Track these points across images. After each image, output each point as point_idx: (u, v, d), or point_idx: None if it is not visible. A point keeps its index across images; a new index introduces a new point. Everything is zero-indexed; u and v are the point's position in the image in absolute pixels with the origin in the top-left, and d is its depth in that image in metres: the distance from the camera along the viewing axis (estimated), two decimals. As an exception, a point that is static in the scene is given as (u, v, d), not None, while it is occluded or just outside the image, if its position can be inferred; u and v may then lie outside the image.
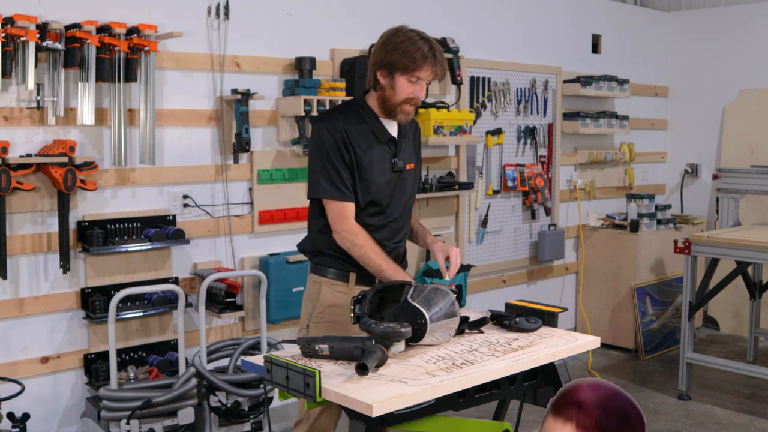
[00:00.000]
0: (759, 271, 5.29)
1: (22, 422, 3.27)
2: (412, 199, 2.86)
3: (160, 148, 3.78)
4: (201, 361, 3.61)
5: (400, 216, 2.78)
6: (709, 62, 6.46)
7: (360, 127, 2.66)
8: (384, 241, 2.72)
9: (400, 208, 2.78)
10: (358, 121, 2.67)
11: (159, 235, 3.68)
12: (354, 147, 2.63)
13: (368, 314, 2.42)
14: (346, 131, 2.63)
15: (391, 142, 2.72)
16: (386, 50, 2.61)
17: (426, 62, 2.57)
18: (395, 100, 2.63)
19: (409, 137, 2.83)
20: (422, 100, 2.70)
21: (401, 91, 2.61)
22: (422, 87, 2.63)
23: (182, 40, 3.78)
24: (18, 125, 3.39)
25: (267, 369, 2.15)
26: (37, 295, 3.51)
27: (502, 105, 5.34)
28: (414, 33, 2.62)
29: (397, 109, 2.65)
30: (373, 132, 2.68)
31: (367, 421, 2.04)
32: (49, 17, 3.37)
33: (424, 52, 2.56)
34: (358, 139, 2.64)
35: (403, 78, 2.59)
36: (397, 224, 2.78)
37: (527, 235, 5.65)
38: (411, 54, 2.56)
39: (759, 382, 5.00)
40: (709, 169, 6.49)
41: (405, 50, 2.57)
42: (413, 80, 2.60)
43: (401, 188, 2.76)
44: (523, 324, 2.57)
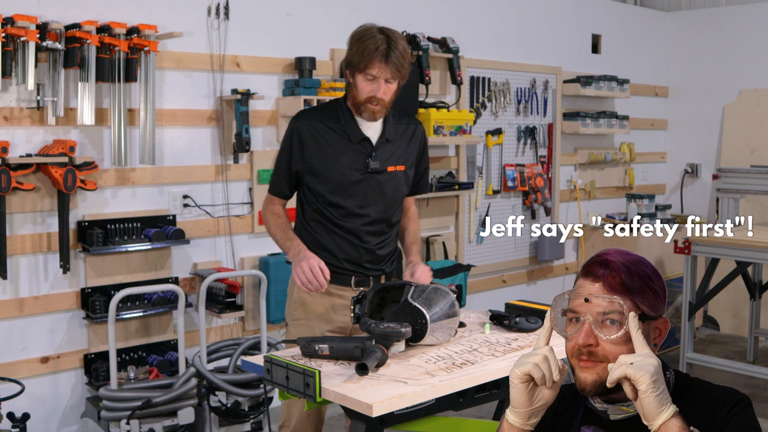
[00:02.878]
0: (759, 271, 5.30)
1: (22, 422, 3.27)
2: (399, 202, 2.79)
3: (160, 148, 3.78)
4: (201, 361, 3.61)
5: (380, 218, 2.71)
6: (709, 62, 6.46)
7: (333, 126, 2.64)
8: (356, 242, 2.68)
9: (380, 210, 2.70)
10: (332, 120, 2.65)
11: (159, 235, 3.68)
12: (310, 147, 2.62)
13: (368, 314, 2.42)
14: (312, 130, 2.62)
15: (366, 142, 2.66)
16: (349, 49, 2.59)
17: (375, 59, 2.50)
18: (359, 99, 2.59)
19: (404, 139, 2.76)
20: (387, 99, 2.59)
21: (362, 90, 2.57)
22: (381, 85, 2.54)
23: (182, 40, 3.78)
24: (18, 125, 3.39)
25: (267, 369, 2.15)
26: (37, 295, 3.51)
27: (502, 105, 5.34)
28: (377, 30, 2.56)
29: (362, 108, 2.60)
30: (346, 131, 2.64)
31: (367, 421, 2.04)
32: (49, 17, 3.37)
33: (372, 49, 2.50)
34: (326, 138, 2.63)
35: (360, 76, 2.56)
36: (375, 226, 2.70)
37: (527, 235, 5.65)
38: (362, 51, 2.52)
39: (759, 382, 4.99)
40: (709, 169, 6.49)
41: (359, 48, 2.53)
42: (369, 78, 2.54)
43: (380, 190, 2.68)
44: (523, 324, 2.57)
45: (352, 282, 2.70)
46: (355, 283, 2.70)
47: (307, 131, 2.63)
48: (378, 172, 2.67)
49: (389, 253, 2.80)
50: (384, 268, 2.77)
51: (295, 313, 2.73)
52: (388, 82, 2.56)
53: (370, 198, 2.68)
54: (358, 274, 2.71)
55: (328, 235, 2.69)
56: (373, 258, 2.72)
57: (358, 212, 2.67)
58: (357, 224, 2.67)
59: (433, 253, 4.92)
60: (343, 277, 2.69)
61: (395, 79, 2.58)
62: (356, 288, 2.69)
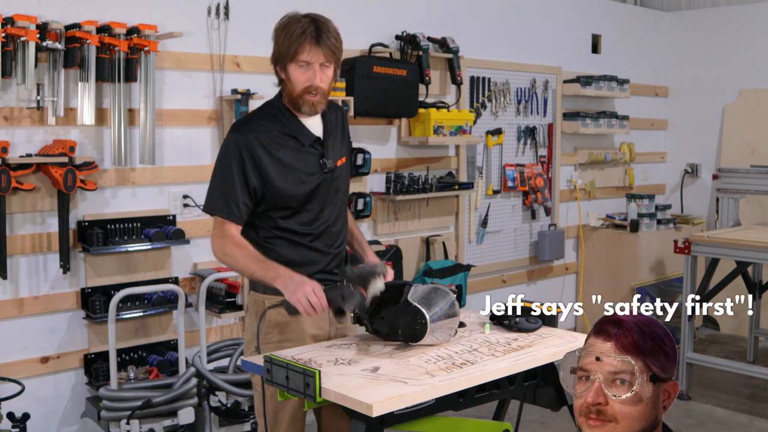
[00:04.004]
0: (759, 271, 5.29)
1: (22, 422, 3.27)
2: (346, 197, 2.61)
3: (160, 148, 3.78)
4: (201, 361, 3.61)
5: (337, 219, 2.55)
6: (709, 62, 6.46)
7: (279, 134, 2.44)
8: (324, 249, 2.53)
9: (336, 209, 2.55)
10: (276, 126, 2.44)
11: (159, 235, 3.67)
12: (264, 161, 2.39)
13: (368, 314, 2.43)
14: (261, 143, 2.40)
15: (317, 142, 2.49)
16: (275, 43, 2.41)
17: (304, 42, 2.34)
18: (295, 93, 2.40)
19: (337, 129, 2.59)
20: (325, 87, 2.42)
21: (296, 82, 2.39)
22: (317, 72, 2.37)
23: (182, 40, 3.78)
24: (18, 125, 3.39)
25: (267, 369, 2.15)
26: (37, 295, 3.51)
27: (502, 105, 5.34)
28: (300, 15, 2.39)
29: (300, 102, 2.41)
30: (295, 136, 2.45)
31: (367, 421, 2.04)
32: (49, 17, 3.37)
33: (299, 33, 2.34)
34: (277, 149, 2.42)
35: (292, 67, 2.38)
36: (335, 227, 2.55)
37: (527, 235, 5.65)
38: (288, 39, 2.35)
39: (759, 382, 4.99)
40: (709, 169, 6.49)
41: (285, 36, 2.37)
42: (302, 65, 2.37)
43: (335, 188, 2.52)
44: (523, 324, 2.57)
45: None
46: None
47: (257, 145, 2.40)
48: (332, 170, 2.51)
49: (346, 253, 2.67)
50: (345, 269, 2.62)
51: (268, 336, 2.51)
52: (324, 67, 2.40)
53: (328, 199, 2.52)
54: (327, 282, 2.50)
55: (294, 249, 2.48)
56: (338, 262, 2.59)
57: (320, 217, 2.50)
58: (321, 229, 2.51)
59: (433, 253, 4.92)
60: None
61: (330, 63, 2.42)
62: None
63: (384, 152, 4.68)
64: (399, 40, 4.65)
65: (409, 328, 2.33)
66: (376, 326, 2.44)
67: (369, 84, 4.34)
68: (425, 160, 4.90)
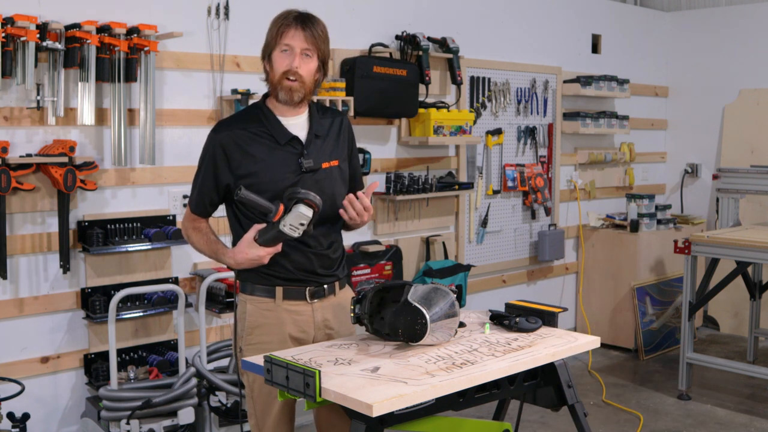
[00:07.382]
0: (759, 271, 5.30)
1: (22, 422, 3.27)
2: (339, 199, 2.56)
3: (160, 148, 3.78)
4: (201, 361, 3.61)
5: (322, 218, 2.49)
6: (709, 62, 6.46)
7: (257, 131, 2.49)
8: (308, 249, 2.53)
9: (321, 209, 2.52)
10: (255, 125, 2.50)
11: (159, 235, 3.68)
12: (236, 157, 2.47)
13: (368, 314, 2.43)
14: (235, 140, 2.47)
15: (295, 141, 2.51)
16: (265, 37, 2.51)
17: (289, 24, 2.42)
18: (275, 78, 2.47)
19: (333, 133, 2.61)
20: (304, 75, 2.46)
21: (277, 66, 2.45)
22: (297, 56, 2.43)
23: (182, 40, 3.78)
24: (18, 125, 3.39)
25: (267, 369, 2.15)
26: (37, 295, 3.51)
27: (502, 105, 5.34)
28: (289, 10, 2.49)
29: (278, 87, 2.46)
30: (272, 134, 2.50)
31: (367, 421, 2.04)
32: (49, 17, 3.37)
33: (283, 17, 2.44)
34: (251, 145, 2.48)
35: (276, 53, 2.45)
36: (319, 228, 2.51)
37: (527, 235, 5.65)
38: (275, 27, 2.46)
39: (759, 382, 5.00)
40: (709, 169, 6.49)
41: (271, 27, 2.48)
42: (285, 49, 2.43)
43: (318, 188, 2.49)
44: (523, 324, 2.57)
45: (307, 294, 2.54)
46: (310, 295, 2.54)
47: (230, 141, 2.48)
48: (313, 171, 2.52)
49: (340, 256, 2.66)
50: (338, 273, 2.63)
51: (249, 338, 2.54)
52: (306, 55, 2.45)
53: None
54: (312, 283, 2.54)
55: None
56: (325, 263, 2.58)
57: None
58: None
59: (433, 253, 4.92)
60: (297, 290, 2.53)
61: (313, 54, 2.46)
62: (311, 301, 2.55)
63: (384, 152, 4.69)
64: (399, 40, 4.65)
65: (410, 328, 2.33)
66: (376, 326, 2.45)
67: (369, 84, 4.34)
68: (425, 160, 4.90)
